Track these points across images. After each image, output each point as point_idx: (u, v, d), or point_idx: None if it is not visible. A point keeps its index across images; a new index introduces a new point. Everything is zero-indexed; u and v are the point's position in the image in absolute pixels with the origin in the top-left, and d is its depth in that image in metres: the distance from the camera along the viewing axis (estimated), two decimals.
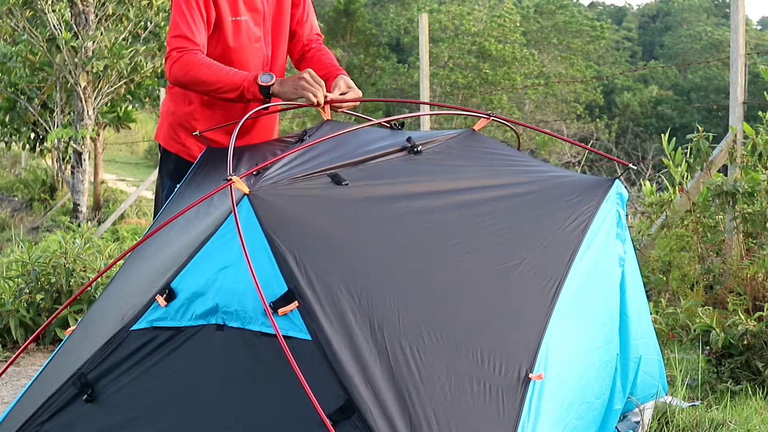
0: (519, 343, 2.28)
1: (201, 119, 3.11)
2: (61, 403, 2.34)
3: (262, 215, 2.23)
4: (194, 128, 3.10)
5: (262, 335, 2.15)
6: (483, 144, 2.83)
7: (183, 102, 3.14)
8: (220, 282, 2.24)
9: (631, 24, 44.05)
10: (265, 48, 3.13)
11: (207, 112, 3.11)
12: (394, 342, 2.10)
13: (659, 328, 4.23)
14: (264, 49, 3.13)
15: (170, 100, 3.19)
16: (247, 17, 3.05)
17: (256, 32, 3.09)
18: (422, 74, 7.55)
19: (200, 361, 2.22)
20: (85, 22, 10.66)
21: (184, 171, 3.10)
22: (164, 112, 3.23)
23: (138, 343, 2.29)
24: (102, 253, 5.27)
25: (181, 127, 3.14)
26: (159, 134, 3.24)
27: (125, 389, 2.28)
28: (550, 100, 24.73)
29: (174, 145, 3.17)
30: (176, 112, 3.16)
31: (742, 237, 4.85)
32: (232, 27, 3.03)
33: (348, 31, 25.78)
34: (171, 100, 3.19)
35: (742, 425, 3.00)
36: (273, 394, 2.11)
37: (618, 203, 2.76)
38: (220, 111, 3.10)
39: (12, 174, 17.93)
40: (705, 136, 5.04)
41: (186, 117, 3.13)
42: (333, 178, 2.43)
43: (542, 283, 2.42)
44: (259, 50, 3.11)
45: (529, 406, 2.18)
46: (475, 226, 2.48)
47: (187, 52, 2.93)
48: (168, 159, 3.20)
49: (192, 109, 3.12)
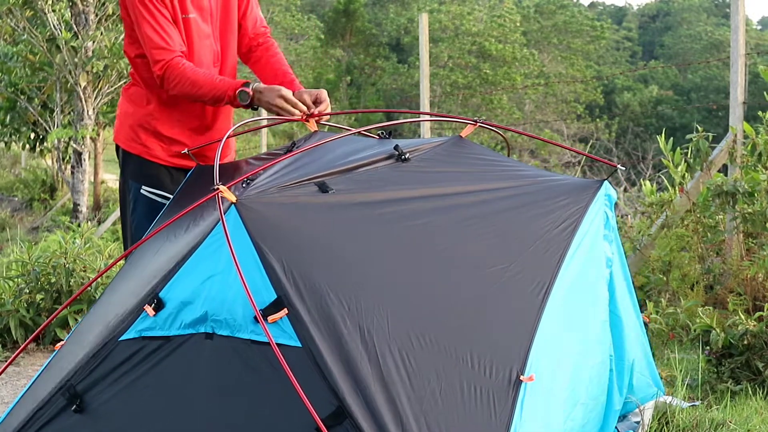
0: (509, 346, 2.28)
1: (161, 118, 3.11)
2: (51, 414, 2.34)
3: (249, 223, 2.24)
4: (154, 128, 3.11)
5: (252, 343, 2.15)
6: (470, 150, 2.84)
7: (142, 102, 3.13)
8: (208, 291, 2.24)
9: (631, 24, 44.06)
10: (214, 44, 3.14)
11: (166, 111, 3.12)
12: (384, 347, 2.11)
13: (659, 328, 4.23)
14: (214, 45, 3.14)
15: (127, 101, 3.18)
16: (195, 15, 3.06)
17: (204, 29, 3.10)
18: (422, 74, 7.55)
19: (190, 370, 2.22)
20: (85, 22, 10.66)
21: (147, 171, 3.11)
22: (122, 114, 3.20)
23: (127, 354, 2.29)
24: (102, 253, 5.27)
25: (141, 128, 3.13)
26: (119, 136, 3.21)
27: (114, 400, 2.28)
28: (550, 100, 24.74)
29: (135, 146, 3.15)
30: (135, 113, 3.14)
31: (742, 237, 4.85)
32: (183, 24, 3.04)
33: (348, 31, 25.78)
34: (128, 101, 3.18)
35: (742, 425, 3.00)
36: (263, 401, 2.11)
37: (606, 204, 2.78)
38: (179, 110, 3.11)
39: (12, 174, 17.93)
40: (704, 136, 5.04)
41: (146, 117, 3.12)
42: (320, 186, 2.44)
43: (531, 285, 2.43)
44: (209, 47, 3.12)
45: (521, 408, 2.18)
46: (463, 231, 2.49)
47: (170, 64, 2.95)
48: (130, 160, 3.17)
49: (151, 108, 3.12)
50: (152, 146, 3.12)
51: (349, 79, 25.20)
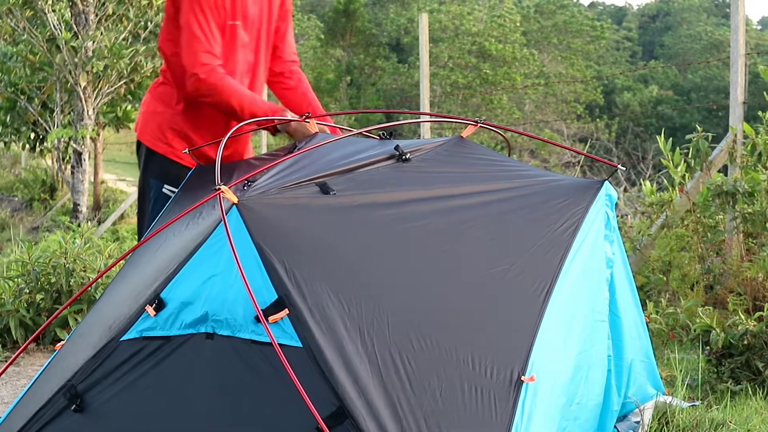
0: (510, 346, 2.28)
1: (189, 121, 3.12)
2: (51, 414, 2.34)
3: (251, 224, 2.24)
4: (182, 129, 3.11)
5: (253, 343, 2.15)
6: (471, 150, 2.84)
7: (171, 102, 3.14)
8: (209, 291, 2.24)
9: (631, 24, 44.07)
10: (250, 54, 3.16)
11: (195, 114, 3.12)
12: (384, 349, 2.11)
13: (659, 328, 4.23)
14: (249, 55, 3.16)
15: (155, 100, 3.18)
16: (240, 22, 3.08)
17: (244, 38, 3.11)
18: (422, 74, 7.55)
19: (190, 370, 2.22)
20: (85, 22, 10.66)
21: (170, 171, 3.12)
22: (149, 112, 3.19)
23: (127, 354, 2.29)
24: (102, 253, 5.27)
25: (168, 128, 3.13)
26: (143, 134, 3.19)
27: (115, 400, 2.28)
28: (550, 100, 24.75)
29: (160, 145, 3.15)
30: (164, 112, 3.14)
31: (742, 237, 4.85)
32: (228, 31, 3.05)
33: (348, 31, 25.78)
34: (157, 100, 3.17)
35: (742, 425, 3.00)
36: (264, 401, 2.11)
37: (607, 204, 2.78)
38: (205, 116, 3.12)
39: (12, 174, 17.94)
40: (704, 136, 5.04)
41: (174, 118, 3.12)
42: (321, 187, 2.44)
43: (533, 286, 2.42)
44: (245, 57, 3.14)
45: (522, 408, 2.18)
46: (464, 232, 2.49)
47: (213, 71, 2.96)
48: (153, 159, 3.17)
49: (181, 109, 3.12)
50: (178, 147, 3.12)
51: (349, 79, 25.22)
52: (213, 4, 2.97)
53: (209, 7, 2.96)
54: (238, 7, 3.06)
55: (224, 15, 3.02)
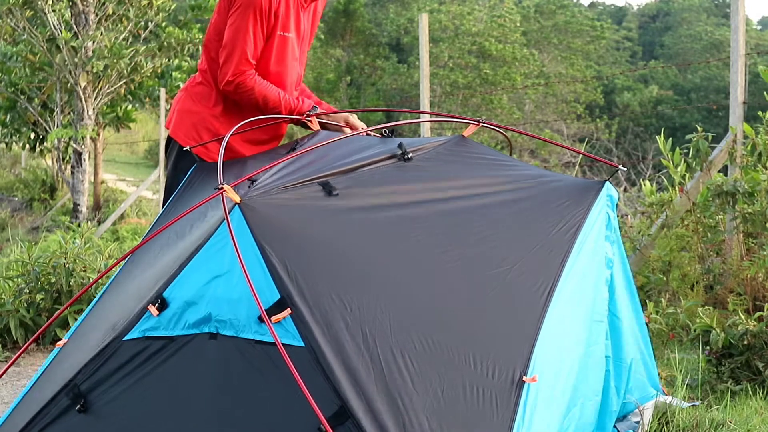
0: (512, 347, 2.28)
1: (225, 123, 3.11)
2: (55, 413, 2.34)
3: (253, 224, 2.24)
4: (217, 130, 3.11)
5: (256, 343, 2.15)
6: (473, 149, 2.84)
7: (209, 103, 3.13)
8: (212, 291, 2.24)
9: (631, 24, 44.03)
10: (300, 68, 3.19)
11: (231, 117, 3.12)
12: (386, 349, 2.11)
13: (659, 328, 4.23)
14: (299, 68, 3.19)
15: (192, 99, 3.17)
16: (293, 35, 3.09)
17: (295, 51, 3.13)
18: (422, 74, 7.55)
19: (193, 370, 2.22)
20: (85, 22, 10.66)
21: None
22: (184, 110, 3.18)
23: (130, 353, 2.29)
24: (102, 253, 5.27)
25: (204, 128, 3.13)
26: (177, 132, 3.18)
27: (118, 399, 2.28)
28: (550, 100, 24.73)
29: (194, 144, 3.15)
30: (201, 112, 3.14)
31: (742, 237, 4.85)
32: (278, 42, 3.05)
33: (348, 31, 25.78)
34: (193, 99, 3.16)
35: (742, 425, 3.00)
36: (267, 401, 2.11)
37: (608, 205, 2.78)
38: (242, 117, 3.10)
39: (12, 174, 17.94)
40: (704, 136, 5.04)
41: (210, 119, 3.12)
42: (324, 186, 2.44)
43: (534, 286, 2.43)
44: (295, 69, 3.16)
45: (524, 408, 2.18)
46: (466, 232, 2.49)
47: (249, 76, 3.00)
48: (186, 156, 3.16)
49: (219, 110, 3.12)
50: (212, 148, 3.11)
51: (349, 79, 25.21)
52: (267, 11, 2.98)
53: (261, 16, 2.97)
54: (292, 18, 3.06)
55: (275, 24, 3.02)
